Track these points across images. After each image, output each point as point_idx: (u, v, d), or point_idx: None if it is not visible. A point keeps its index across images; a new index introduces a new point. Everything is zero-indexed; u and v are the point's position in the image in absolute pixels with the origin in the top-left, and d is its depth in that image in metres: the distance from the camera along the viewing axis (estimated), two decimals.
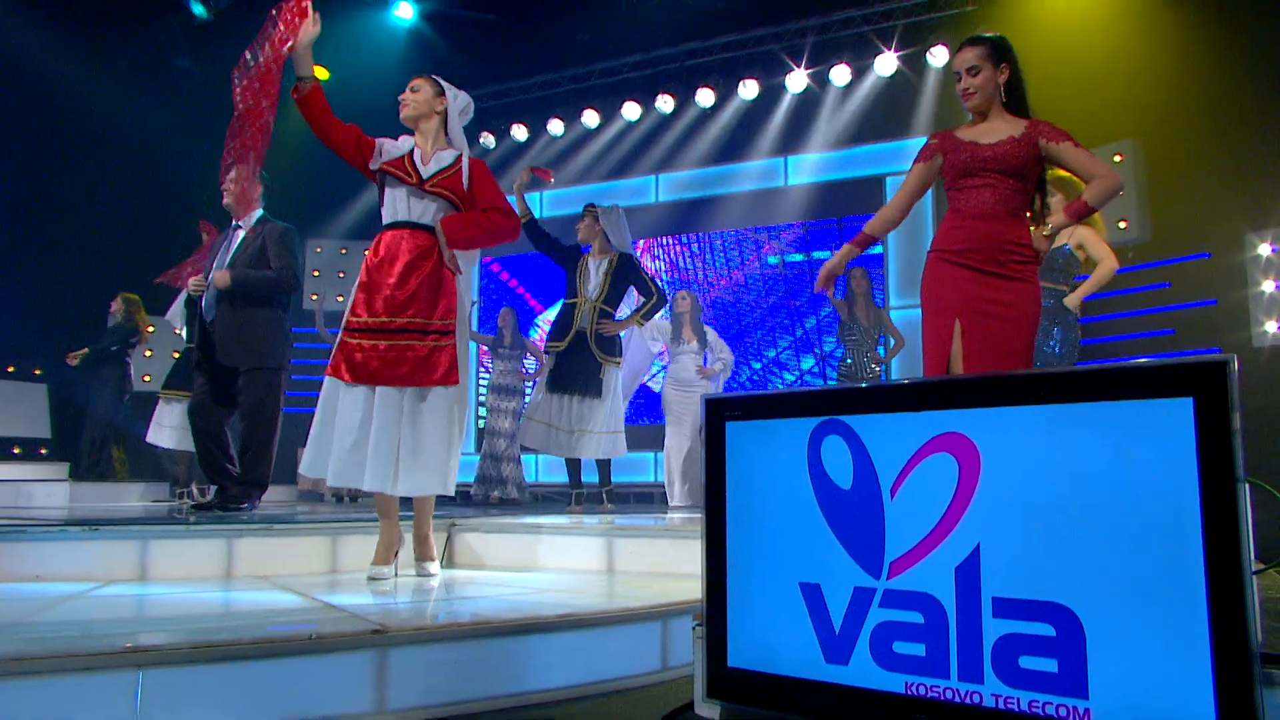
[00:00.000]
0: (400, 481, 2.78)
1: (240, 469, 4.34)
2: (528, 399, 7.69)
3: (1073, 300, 4.67)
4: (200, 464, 4.44)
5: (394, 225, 3.01)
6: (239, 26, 8.92)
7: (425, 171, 3.01)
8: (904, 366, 7.33)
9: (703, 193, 8.71)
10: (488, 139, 9.55)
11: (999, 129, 2.87)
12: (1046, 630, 1.31)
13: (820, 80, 8.22)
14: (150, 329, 7.95)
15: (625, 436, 5.16)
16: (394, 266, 2.90)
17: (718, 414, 1.79)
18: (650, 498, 8.50)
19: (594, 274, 5.23)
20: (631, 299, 5.37)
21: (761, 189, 8.49)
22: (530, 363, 7.86)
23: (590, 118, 9.05)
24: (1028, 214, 2.88)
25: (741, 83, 8.39)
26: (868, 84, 8.03)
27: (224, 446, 4.38)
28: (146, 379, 8.11)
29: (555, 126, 9.20)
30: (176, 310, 6.30)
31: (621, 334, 5.30)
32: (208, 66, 9.10)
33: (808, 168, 8.37)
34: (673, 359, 6.53)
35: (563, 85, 9.32)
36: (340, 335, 2.92)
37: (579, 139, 9.09)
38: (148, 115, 8.69)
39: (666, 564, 2.93)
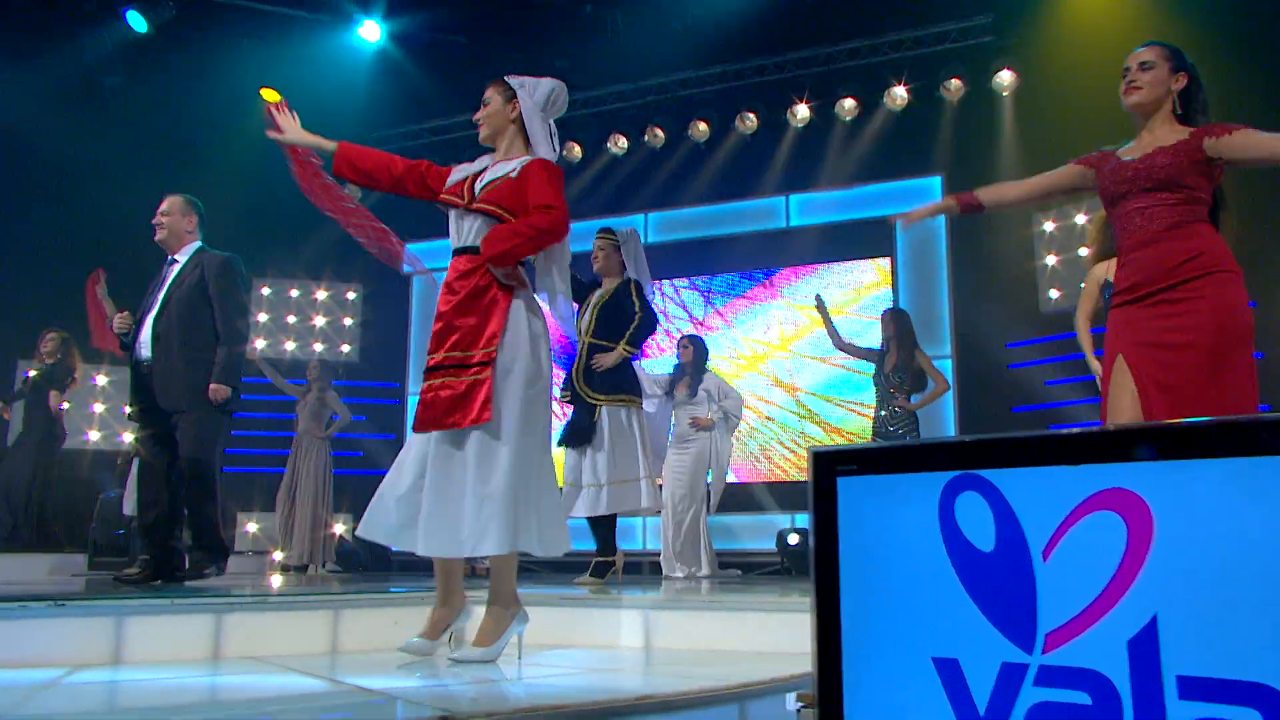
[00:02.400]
0: (421, 538, 2.66)
1: (191, 532, 4.22)
2: None
3: None
4: (140, 526, 4.28)
5: (453, 254, 2.96)
6: (177, 43, 8.94)
7: (478, 189, 2.91)
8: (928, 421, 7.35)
9: (697, 233, 8.79)
10: None
11: (1153, 140, 2.85)
12: (1250, 715, 1.28)
13: (825, 114, 8.39)
14: (103, 379, 7.79)
15: (646, 487, 4.91)
16: (441, 299, 2.87)
17: (827, 468, 1.75)
18: (638, 567, 8.39)
19: (589, 307, 5.08)
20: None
21: (761, 230, 8.59)
22: None
23: (573, 151, 9.13)
24: (1204, 225, 2.79)
25: (740, 116, 8.54)
26: (877, 119, 8.22)
27: (176, 509, 4.24)
28: (95, 436, 7.89)
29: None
30: None
31: (642, 372, 5.21)
32: (141, 85, 9.06)
33: (812, 207, 8.49)
34: (674, 414, 6.54)
35: None
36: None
37: (569, 171, 9.14)
38: (75, 135, 8.60)
39: (710, 640, 2.87)
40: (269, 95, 9.67)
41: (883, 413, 6.64)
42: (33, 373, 7.23)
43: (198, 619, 2.67)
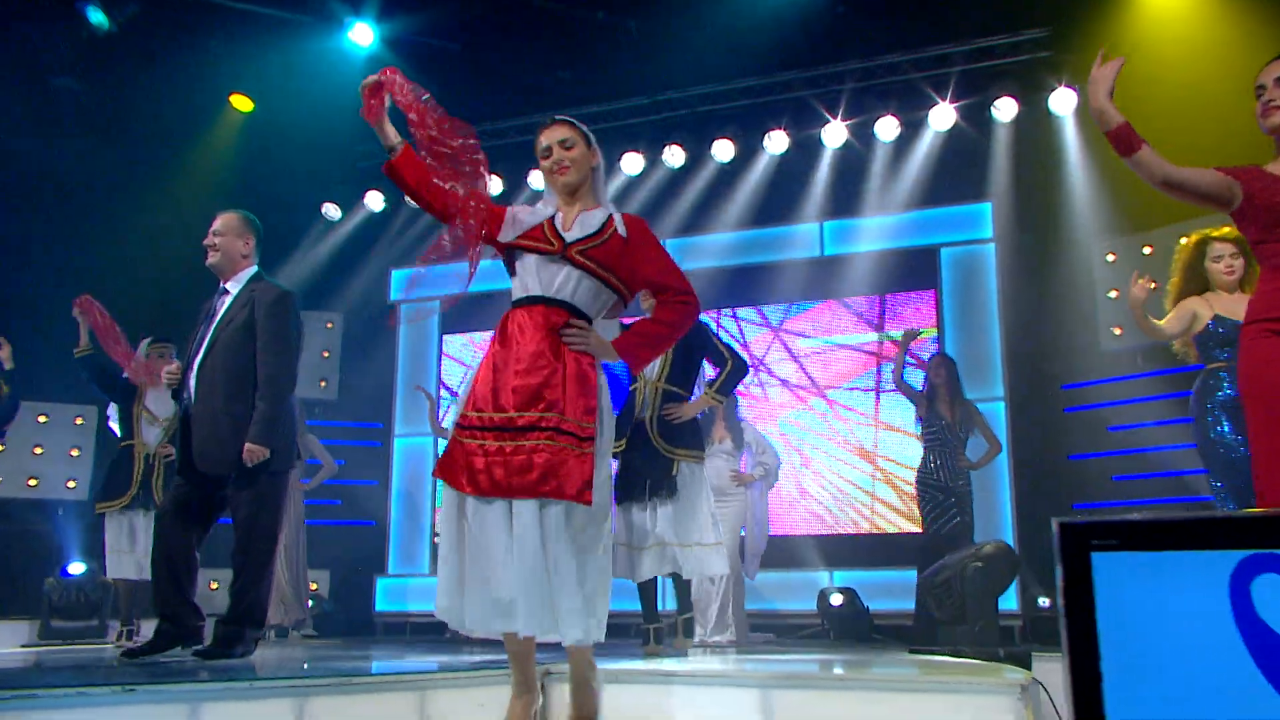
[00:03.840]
0: (522, 617, 2.63)
1: (230, 602, 4.10)
2: None
3: None
4: (155, 590, 4.14)
5: (524, 302, 2.95)
6: (136, 41, 8.84)
7: (570, 236, 2.95)
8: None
9: (722, 262, 8.75)
10: None
11: None
12: None
13: (862, 134, 8.42)
14: (43, 419, 7.62)
15: (722, 551, 4.90)
16: (522, 350, 2.83)
17: (1079, 543, 1.72)
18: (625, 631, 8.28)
19: None
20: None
21: (793, 259, 8.60)
22: None
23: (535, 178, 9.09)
24: None
25: (767, 134, 8.56)
26: (922, 139, 8.25)
27: (191, 571, 4.14)
28: (33, 483, 7.69)
29: (537, 179, 9.25)
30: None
31: (699, 417, 5.20)
32: (94, 86, 8.95)
33: (848, 235, 8.53)
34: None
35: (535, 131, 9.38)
36: (454, 434, 2.84)
37: None
38: (21, 138, 8.47)
39: None
40: (240, 103, 9.68)
41: (934, 462, 6.69)
42: None
43: (279, 704, 2.58)
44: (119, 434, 6.34)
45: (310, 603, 8.06)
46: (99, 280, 8.82)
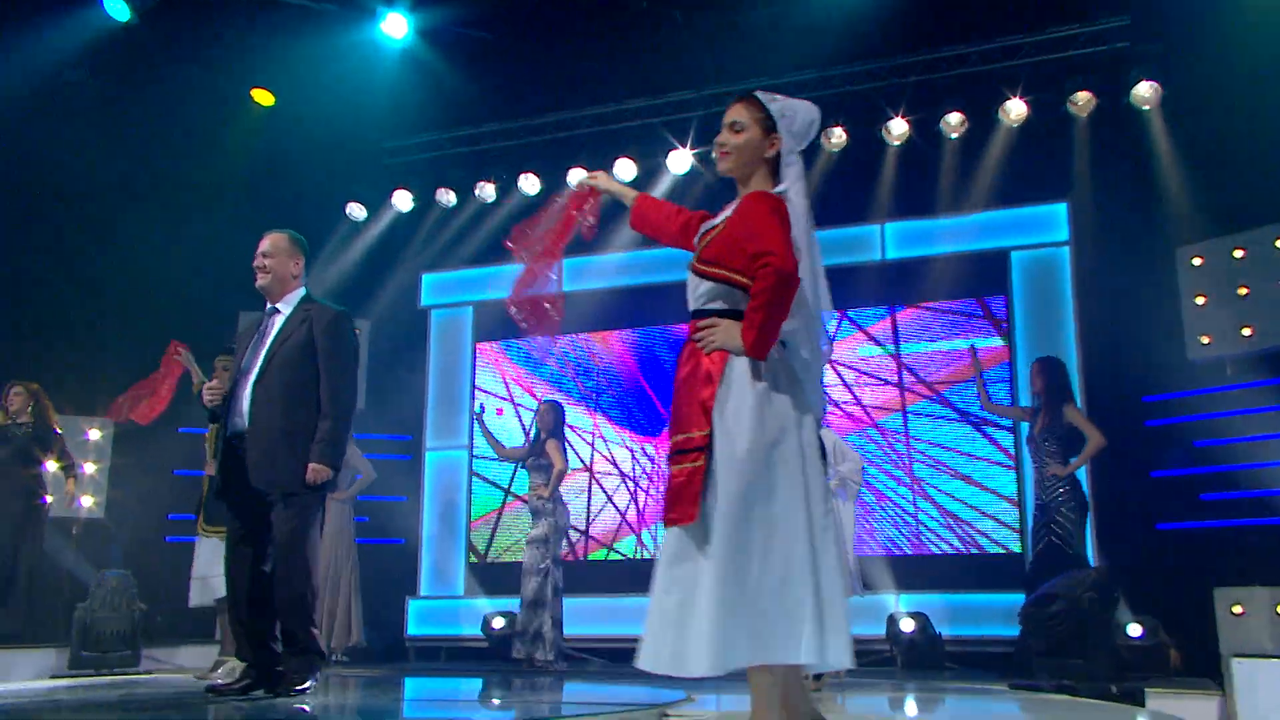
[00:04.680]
0: (645, 655, 2.62)
1: (281, 634, 4.10)
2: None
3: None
4: (234, 631, 4.21)
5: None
6: (152, 33, 8.63)
7: (698, 243, 2.89)
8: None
9: None
10: (486, 189, 9.31)
11: None
12: None
13: (927, 130, 8.19)
14: (59, 430, 7.36)
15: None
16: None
17: None
18: None
19: None
20: None
21: (853, 263, 8.35)
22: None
23: (625, 168, 8.88)
24: None
25: (825, 132, 8.32)
26: (991, 136, 8.01)
27: (268, 611, 4.13)
28: (49, 499, 7.46)
29: (575, 176, 9.02)
30: None
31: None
32: (108, 80, 8.73)
33: (912, 237, 8.29)
34: None
35: (582, 126, 9.17)
36: None
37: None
38: (32, 137, 8.26)
39: None
40: (261, 98, 9.45)
41: (1038, 478, 6.51)
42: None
43: None
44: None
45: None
46: (115, 285, 8.67)
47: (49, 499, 7.85)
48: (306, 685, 4.04)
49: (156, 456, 8.74)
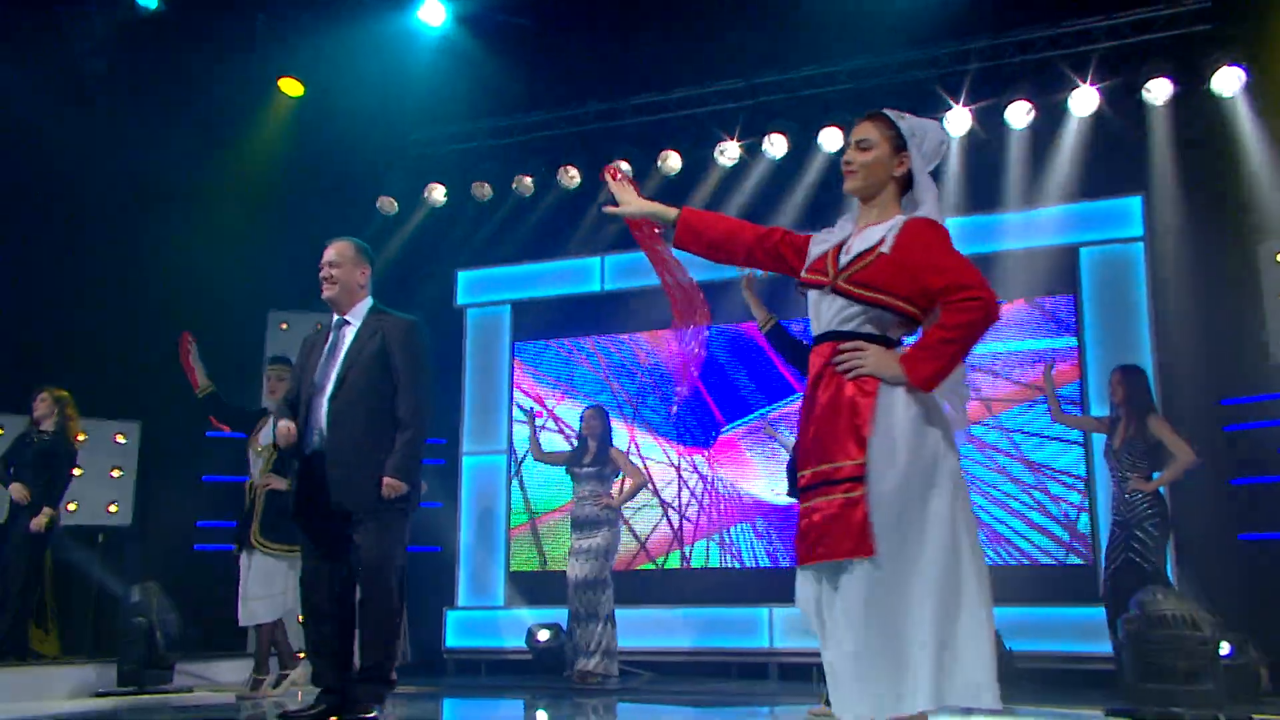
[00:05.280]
0: (851, 700, 2.54)
1: (361, 657, 4.09)
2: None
3: None
4: (311, 656, 4.18)
5: (814, 344, 2.82)
6: (175, 20, 8.45)
7: (845, 259, 2.75)
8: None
9: None
10: (524, 183, 9.08)
11: None
12: None
13: (990, 121, 7.90)
14: (82, 437, 7.19)
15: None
16: (804, 403, 2.79)
17: None
18: (762, 670, 7.86)
19: None
20: None
21: None
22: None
23: (669, 161, 8.66)
24: None
25: None
26: (1059, 126, 7.74)
27: (347, 637, 4.15)
28: (72, 508, 7.29)
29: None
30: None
31: None
32: (129, 70, 8.54)
33: (974, 233, 8.03)
34: None
35: (625, 117, 8.94)
36: None
37: (660, 189, 8.63)
38: (51, 130, 8.08)
39: None
40: (289, 88, 9.23)
41: (1117, 492, 6.29)
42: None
43: None
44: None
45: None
46: (141, 283, 8.50)
47: (70, 507, 7.73)
48: (373, 714, 4.02)
49: (185, 462, 8.61)
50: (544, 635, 7.76)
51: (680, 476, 8.52)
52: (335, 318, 4.39)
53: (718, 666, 7.89)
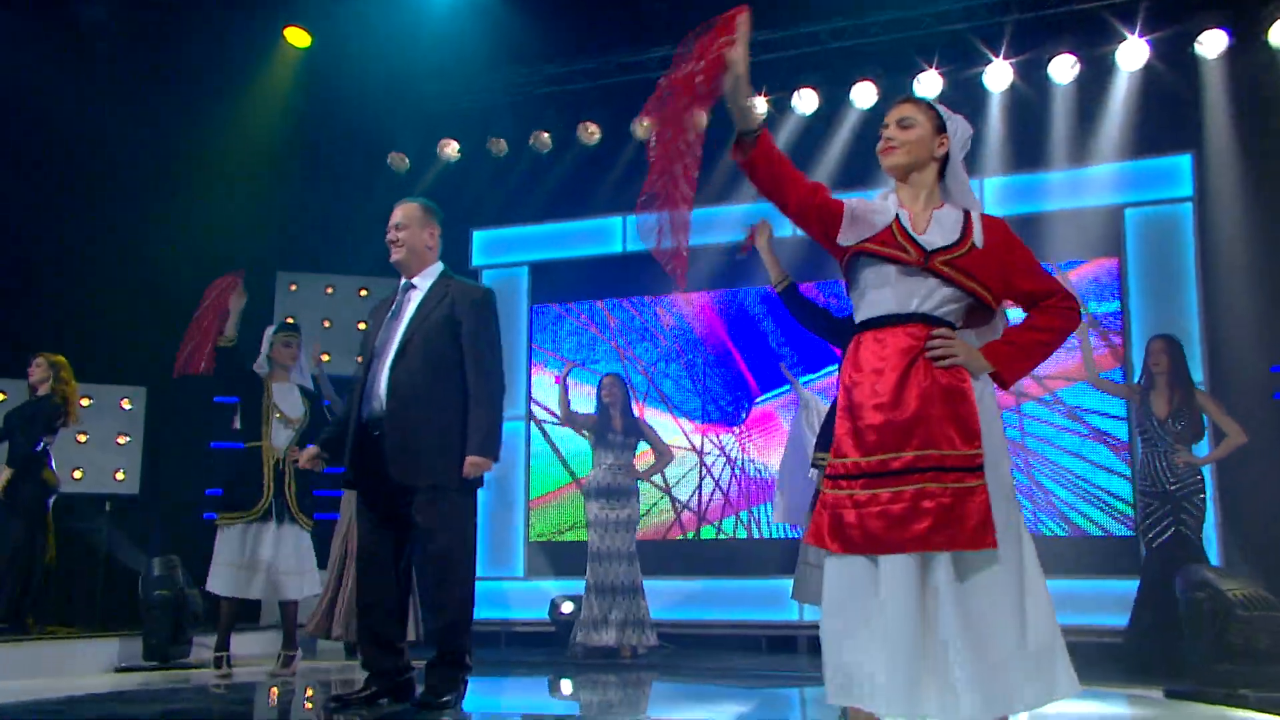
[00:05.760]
0: (964, 700, 2.46)
1: (437, 643, 3.97)
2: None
3: None
4: (360, 644, 4.09)
5: (879, 322, 2.75)
6: None
7: (928, 241, 2.73)
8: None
9: None
10: (542, 139, 8.83)
11: None
12: None
13: (1032, 75, 7.67)
14: (86, 403, 7.02)
15: None
16: (884, 380, 2.67)
17: None
18: (790, 645, 7.75)
19: None
20: None
21: None
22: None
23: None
24: None
25: (916, 76, 7.80)
26: (1106, 81, 7.51)
27: (400, 620, 4.02)
28: (77, 475, 7.12)
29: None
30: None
31: None
32: (129, 22, 8.27)
33: (1015, 193, 7.83)
34: None
35: (650, 70, 8.64)
36: (821, 485, 2.77)
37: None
38: (48, 86, 7.86)
39: None
40: (296, 38, 8.94)
41: (1159, 464, 6.12)
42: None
43: None
44: (243, 434, 5.98)
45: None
46: (146, 245, 8.29)
47: (76, 475, 7.57)
48: (448, 699, 3.89)
49: (192, 428, 8.45)
50: (568, 607, 7.64)
51: (701, 459, 8.38)
52: (402, 281, 4.26)
53: (746, 640, 7.78)
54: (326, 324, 8.76)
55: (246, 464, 5.83)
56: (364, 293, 9.03)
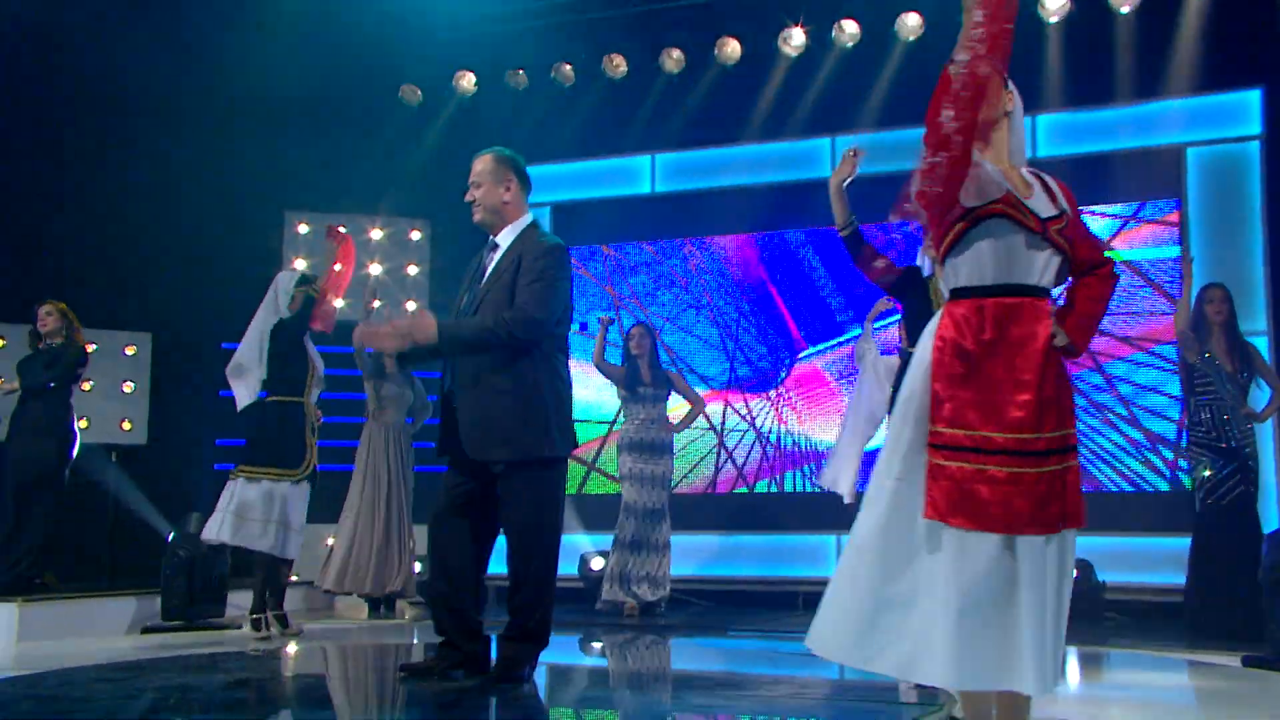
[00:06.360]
0: (1033, 675, 2.49)
1: (512, 618, 3.88)
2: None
3: None
4: (433, 610, 4.02)
5: (1008, 289, 2.67)
6: None
7: (1037, 208, 2.69)
8: None
9: (897, 165, 7.74)
10: (564, 71, 8.49)
11: None
12: None
13: (1090, 5, 7.34)
14: (91, 349, 6.76)
15: None
16: (1026, 354, 2.62)
17: None
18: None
19: None
20: None
21: None
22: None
23: (729, 48, 8.10)
24: None
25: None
26: (1165, 9, 7.19)
27: (476, 588, 3.96)
28: (83, 425, 6.85)
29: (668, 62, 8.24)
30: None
31: None
32: None
33: (1067, 132, 7.53)
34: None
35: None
36: (929, 452, 2.62)
37: (717, 81, 8.09)
38: (50, 18, 7.59)
39: None
40: None
41: (1209, 418, 5.96)
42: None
43: None
44: (268, 385, 5.83)
45: (418, 566, 7.36)
46: (150, 188, 8.00)
47: (81, 425, 7.33)
48: (524, 672, 3.87)
49: (200, 375, 8.20)
50: (598, 563, 7.47)
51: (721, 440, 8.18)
52: (489, 239, 4.09)
53: (782, 596, 7.61)
54: (337, 266, 8.46)
55: (284, 420, 5.71)
56: (376, 232, 8.75)
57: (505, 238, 4.04)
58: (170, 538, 6.17)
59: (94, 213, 7.87)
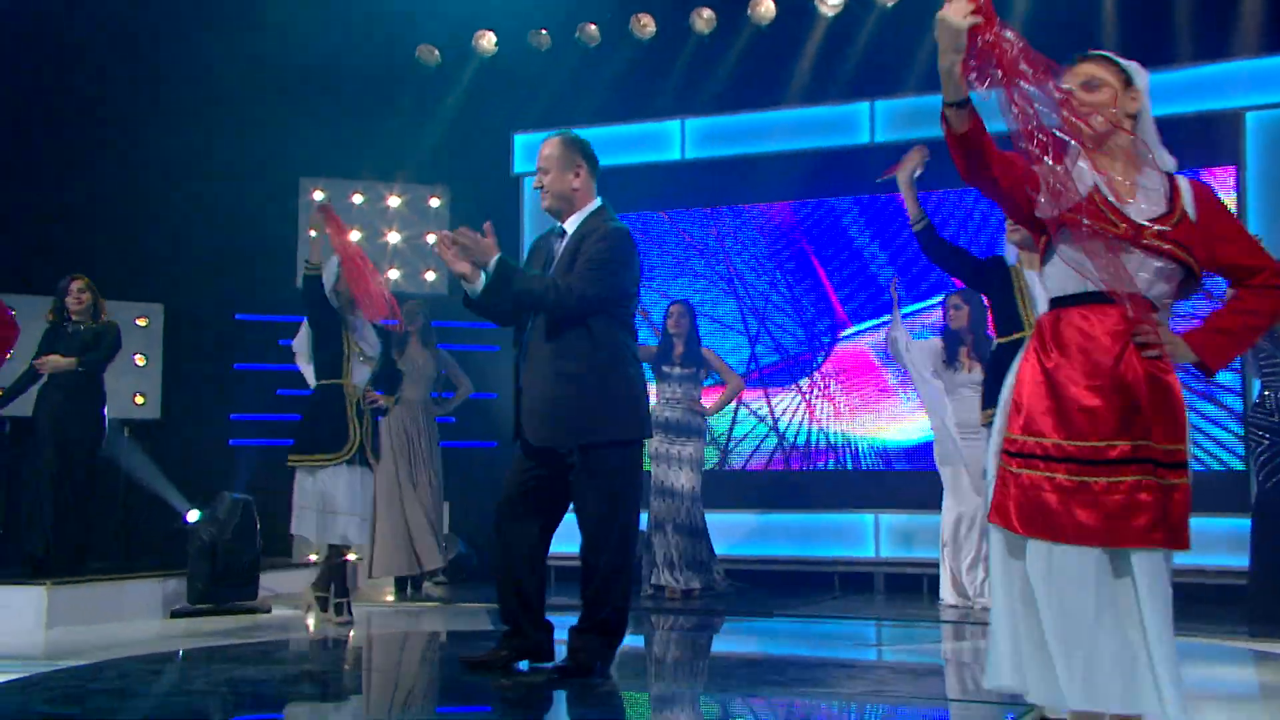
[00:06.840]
0: (1171, 697, 2.44)
1: (585, 609, 3.88)
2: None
3: None
4: (499, 597, 3.98)
5: (1082, 299, 2.61)
6: None
7: (1136, 213, 2.57)
8: None
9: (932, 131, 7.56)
10: (589, 30, 8.26)
11: None
12: None
13: None
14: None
15: None
16: (1096, 364, 2.56)
17: None
18: (868, 580, 7.44)
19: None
20: None
21: None
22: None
23: (763, 8, 7.87)
24: None
25: None
26: None
27: (539, 574, 3.94)
28: None
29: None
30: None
31: None
32: None
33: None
34: (950, 392, 6.27)
35: None
36: (1003, 460, 2.62)
37: (751, 43, 7.91)
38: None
39: None
40: None
41: (1271, 398, 5.80)
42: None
43: None
44: (314, 370, 5.75)
45: (444, 546, 7.27)
46: (162, 160, 7.88)
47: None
48: (598, 665, 3.85)
49: (215, 348, 8.07)
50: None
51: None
52: (556, 226, 4.08)
53: (820, 577, 7.49)
54: (355, 233, 8.30)
55: (320, 404, 5.62)
56: (394, 199, 8.57)
57: (572, 224, 4.00)
58: (193, 518, 6.17)
59: (104, 180, 7.79)
